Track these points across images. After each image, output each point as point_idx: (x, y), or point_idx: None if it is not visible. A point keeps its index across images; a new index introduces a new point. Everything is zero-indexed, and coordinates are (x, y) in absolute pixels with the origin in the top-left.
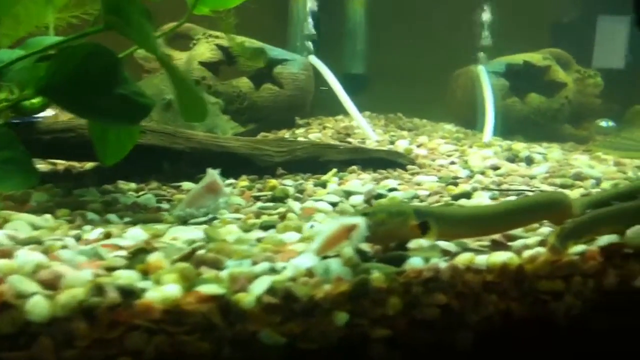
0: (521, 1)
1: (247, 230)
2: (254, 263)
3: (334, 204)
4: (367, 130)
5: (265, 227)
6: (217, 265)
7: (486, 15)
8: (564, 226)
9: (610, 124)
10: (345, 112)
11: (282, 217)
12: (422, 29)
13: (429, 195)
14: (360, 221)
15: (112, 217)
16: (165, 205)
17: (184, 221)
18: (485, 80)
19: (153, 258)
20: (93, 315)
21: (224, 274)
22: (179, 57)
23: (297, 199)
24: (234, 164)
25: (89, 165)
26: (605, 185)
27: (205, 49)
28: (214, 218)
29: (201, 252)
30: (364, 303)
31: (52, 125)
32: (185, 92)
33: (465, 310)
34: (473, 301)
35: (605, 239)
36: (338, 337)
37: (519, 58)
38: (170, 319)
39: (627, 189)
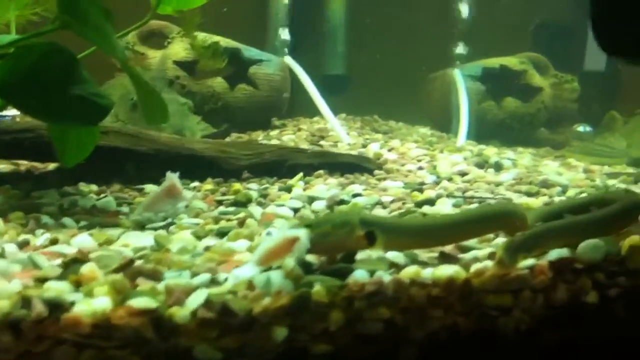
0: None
1: (201, 236)
2: (194, 274)
3: (295, 210)
4: (340, 133)
5: (222, 233)
6: (155, 277)
7: (464, 17)
8: (512, 239)
9: (588, 129)
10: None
11: (241, 223)
12: (403, 31)
13: (392, 201)
14: (302, 233)
15: (67, 221)
16: (125, 209)
17: (141, 226)
18: (461, 84)
19: (86, 269)
20: (19, 329)
21: (160, 286)
22: (153, 56)
23: (259, 203)
24: (200, 167)
25: (51, 166)
26: (571, 193)
27: (179, 48)
28: (172, 223)
29: (139, 262)
30: (305, 317)
31: (11, 125)
32: (146, 95)
33: (410, 325)
34: (418, 316)
35: (555, 253)
36: (277, 352)
37: (495, 62)
38: (100, 333)
39: (584, 201)
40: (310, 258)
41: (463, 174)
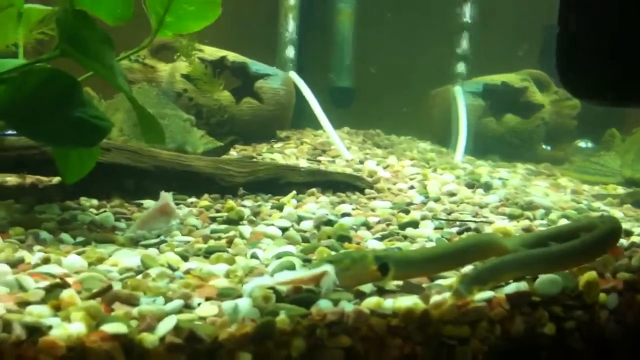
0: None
1: (187, 256)
2: (168, 300)
3: (284, 229)
4: (340, 148)
5: (210, 252)
6: (131, 302)
7: (466, 40)
8: (467, 272)
9: (589, 144)
10: None
11: (230, 242)
12: (411, 45)
13: (378, 222)
14: (329, 269)
15: (65, 236)
16: (122, 224)
17: (135, 242)
18: (461, 100)
19: (66, 294)
20: (0, 351)
21: (135, 311)
22: (163, 69)
23: (251, 221)
24: (198, 183)
25: (56, 179)
26: (554, 216)
27: (197, 65)
28: (164, 241)
29: (118, 287)
30: (268, 344)
31: (16, 142)
32: (144, 118)
33: (370, 354)
34: (377, 344)
35: (513, 287)
36: None
37: (497, 78)
38: (75, 356)
39: (565, 229)
40: (281, 287)
41: (451, 194)
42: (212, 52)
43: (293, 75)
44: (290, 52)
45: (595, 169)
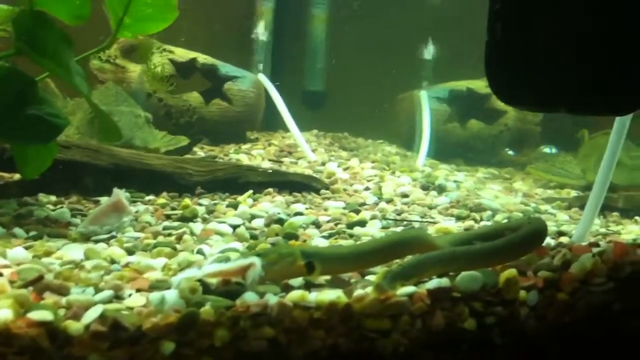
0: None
1: (133, 252)
2: (99, 291)
3: (234, 227)
4: (305, 150)
5: (156, 248)
6: (61, 292)
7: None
8: (391, 267)
9: (554, 150)
10: None
11: (179, 238)
12: (381, 49)
13: (328, 221)
14: (257, 261)
15: (18, 231)
16: (77, 220)
17: (86, 238)
18: (425, 104)
19: None
20: None
21: (64, 300)
22: (133, 70)
23: (204, 219)
24: (156, 181)
25: (17, 176)
26: (499, 217)
27: (158, 63)
28: (114, 236)
29: (49, 277)
30: (191, 334)
31: None
32: (99, 116)
33: (292, 344)
34: (300, 336)
35: (434, 282)
36: None
37: (462, 84)
38: (1, 341)
39: (492, 229)
40: (210, 280)
41: (404, 195)
42: (182, 54)
43: (262, 78)
44: (264, 55)
45: (560, 171)
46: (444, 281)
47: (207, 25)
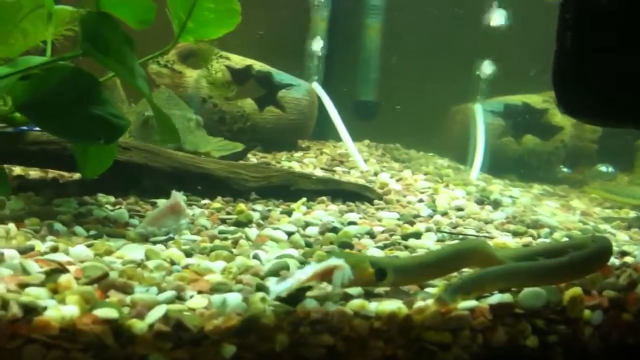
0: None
1: (192, 254)
2: (162, 290)
3: (289, 234)
4: (358, 160)
5: (213, 251)
6: (125, 290)
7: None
8: (452, 281)
9: (610, 169)
10: None
11: (235, 243)
12: (437, 60)
13: (382, 232)
14: (345, 263)
15: (78, 229)
16: (135, 221)
17: (145, 238)
18: (480, 118)
19: (64, 279)
20: None
21: (128, 299)
22: (190, 75)
23: (259, 225)
24: (212, 185)
25: (77, 175)
26: (558, 235)
27: (214, 69)
28: (172, 238)
29: (114, 276)
30: (252, 338)
31: (38, 136)
32: (160, 119)
33: (351, 353)
34: (359, 345)
35: (496, 297)
36: None
37: (518, 99)
38: (66, 337)
39: (555, 246)
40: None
41: (459, 209)
42: (238, 61)
43: (315, 86)
44: (317, 64)
45: (620, 191)
46: (507, 297)
47: (261, 33)
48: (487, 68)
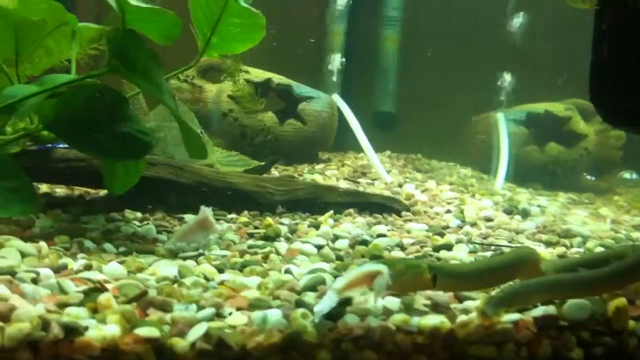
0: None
1: (223, 269)
2: (200, 308)
3: (319, 247)
4: (380, 171)
5: (246, 266)
6: (164, 308)
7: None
8: (494, 294)
9: (634, 176)
10: None
11: (265, 257)
12: (455, 70)
13: (412, 244)
14: (384, 269)
15: (108, 246)
16: (163, 237)
17: (174, 254)
18: (502, 127)
19: (103, 298)
20: (37, 348)
21: (168, 317)
22: (210, 89)
23: (287, 238)
24: (238, 200)
25: (103, 192)
26: (591, 244)
27: (241, 83)
28: (202, 254)
29: (153, 293)
30: (294, 355)
31: (65, 154)
32: (189, 135)
33: None
34: None
35: (540, 310)
36: None
37: (540, 107)
38: (108, 357)
39: (598, 256)
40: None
41: (488, 219)
42: (257, 74)
43: (336, 98)
44: (336, 76)
45: None
46: (551, 309)
47: (280, 46)
48: (507, 77)
